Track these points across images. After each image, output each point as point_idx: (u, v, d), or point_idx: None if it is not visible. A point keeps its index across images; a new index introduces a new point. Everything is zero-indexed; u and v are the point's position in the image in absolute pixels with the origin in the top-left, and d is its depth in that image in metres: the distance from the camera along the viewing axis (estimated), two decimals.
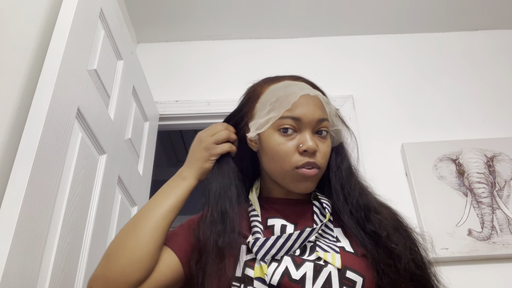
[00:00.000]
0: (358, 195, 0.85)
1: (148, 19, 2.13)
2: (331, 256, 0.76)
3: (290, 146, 0.82)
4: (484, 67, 2.15)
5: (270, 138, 0.84)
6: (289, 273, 0.73)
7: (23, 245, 0.83)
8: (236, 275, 0.76)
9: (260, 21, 2.17)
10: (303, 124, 0.83)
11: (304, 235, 0.77)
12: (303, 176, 0.81)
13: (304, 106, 0.84)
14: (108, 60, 1.33)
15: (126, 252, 0.76)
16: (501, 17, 2.20)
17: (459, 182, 1.79)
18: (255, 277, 0.74)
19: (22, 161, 0.87)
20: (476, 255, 1.62)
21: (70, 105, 1.05)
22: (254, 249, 0.76)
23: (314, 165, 0.82)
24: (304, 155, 0.81)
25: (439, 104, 2.04)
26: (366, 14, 2.16)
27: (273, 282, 0.72)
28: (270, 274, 0.73)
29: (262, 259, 0.75)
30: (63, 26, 1.06)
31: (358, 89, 2.08)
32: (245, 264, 0.77)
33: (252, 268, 0.75)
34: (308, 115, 0.83)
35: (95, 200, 1.18)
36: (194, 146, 0.90)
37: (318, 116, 0.84)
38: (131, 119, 1.54)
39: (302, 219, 0.85)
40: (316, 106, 0.85)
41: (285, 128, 0.83)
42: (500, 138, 1.89)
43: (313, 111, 0.84)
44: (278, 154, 0.82)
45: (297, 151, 0.82)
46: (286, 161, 0.82)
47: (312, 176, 0.82)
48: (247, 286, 0.73)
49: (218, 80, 2.12)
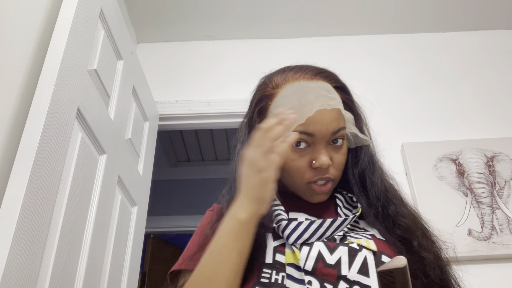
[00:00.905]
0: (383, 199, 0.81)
1: (148, 19, 2.13)
2: (365, 241, 0.73)
3: (302, 162, 0.78)
4: (484, 67, 2.14)
5: None
6: (323, 258, 0.70)
7: (23, 245, 0.83)
8: (266, 262, 0.72)
9: (260, 21, 2.17)
10: (317, 139, 0.78)
11: (337, 223, 0.75)
12: (316, 192, 0.80)
13: (319, 121, 0.77)
14: (108, 60, 1.33)
15: None
16: (501, 17, 2.20)
17: (459, 182, 1.79)
18: (287, 263, 0.70)
19: (22, 161, 0.87)
20: (476, 255, 1.62)
21: (70, 105, 1.05)
22: (286, 232, 0.72)
23: (328, 179, 0.80)
24: (317, 170, 0.79)
25: (439, 104, 2.03)
26: (366, 14, 2.16)
27: (307, 267, 0.69)
28: (304, 259, 0.70)
29: (294, 243, 0.72)
30: (63, 26, 1.06)
31: (358, 89, 2.07)
32: (275, 250, 0.73)
33: (283, 254, 0.72)
34: (322, 130, 0.77)
35: (95, 200, 1.18)
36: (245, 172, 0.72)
37: (333, 128, 0.78)
38: (131, 119, 1.54)
39: (325, 213, 0.83)
40: (332, 118, 0.78)
41: (298, 142, 0.78)
42: (500, 138, 1.89)
43: (328, 125, 0.77)
44: (291, 169, 0.79)
45: (309, 166, 0.78)
46: (298, 177, 0.79)
47: (325, 192, 0.81)
48: (279, 273, 0.70)
49: (218, 80, 2.12)
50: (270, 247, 0.73)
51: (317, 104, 0.77)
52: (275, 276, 0.70)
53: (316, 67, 0.91)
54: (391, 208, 0.81)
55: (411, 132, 1.95)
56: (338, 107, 0.80)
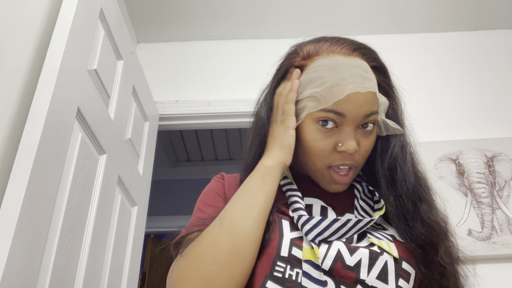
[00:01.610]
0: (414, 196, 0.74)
1: (148, 19, 2.13)
2: (386, 244, 0.68)
3: (327, 144, 0.71)
4: (484, 67, 2.15)
5: (306, 129, 0.73)
6: (343, 258, 0.65)
7: (23, 245, 0.83)
8: (281, 255, 0.66)
9: (260, 21, 2.17)
10: (346, 121, 0.71)
11: (361, 224, 0.68)
12: (336, 181, 0.73)
13: (352, 102, 0.70)
14: (108, 60, 1.33)
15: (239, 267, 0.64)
16: (501, 17, 2.20)
17: (459, 182, 1.79)
18: (305, 259, 0.65)
19: (22, 161, 0.87)
20: (476, 255, 1.62)
21: (70, 105, 1.05)
22: (306, 228, 0.67)
23: (351, 166, 0.73)
24: (342, 155, 0.71)
25: (439, 104, 2.03)
26: (366, 14, 2.16)
27: (324, 266, 0.64)
28: (322, 257, 0.65)
29: (313, 240, 0.66)
30: (63, 26, 1.06)
31: None
32: (292, 242, 0.67)
33: (300, 249, 0.66)
34: (354, 111, 0.70)
35: (95, 200, 1.18)
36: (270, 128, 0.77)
37: (365, 111, 0.71)
38: (131, 119, 1.54)
39: (339, 202, 0.76)
40: (366, 100, 0.71)
41: (325, 120, 0.71)
42: (500, 138, 1.89)
43: (361, 107, 0.70)
44: (313, 150, 0.72)
45: (334, 149, 0.71)
46: (319, 159, 0.72)
47: (345, 183, 0.74)
48: (294, 268, 0.65)
49: (218, 80, 2.12)
50: (287, 239, 0.67)
51: (350, 86, 0.69)
52: (289, 271, 0.65)
53: (355, 42, 0.83)
54: (423, 207, 0.73)
55: (411, 132, 1.94)
56: (373, 90, 0.72)
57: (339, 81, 0.70)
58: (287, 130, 0.73)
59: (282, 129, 0.74)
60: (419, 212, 0.72)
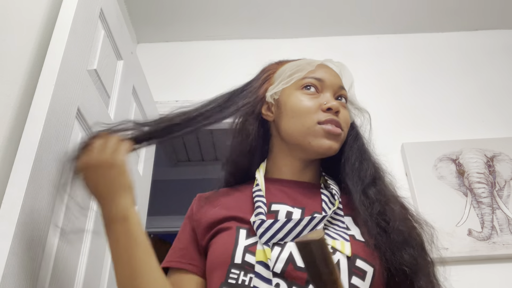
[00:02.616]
0: (371, 179, 0.81)
1: (148, 19, 2.13)
2: (340, 243, 0.71)
3: (313, 103, 0.80)
4: (484, 67, 2.15)
5: (291, 96, 0.82)
6: (294, 260, 0.68)
7: (23, 245, 0.83)
8: (235, 262, 0.70)
9: (260, 21, 2.17)
10: (326, 85, 0.82)
11: (315, 221, 0.72)
12: (328, 132, 0.78)
13: (327, 71, 0.85)
14: (108, 60, 1.33)
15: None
16: (501, 17, 2.20)
17: (459, 182, 1.79)
18: (257, 260, 0.69)
19: (22, 161, 0.87)
20: (476, 255, 1.62)
21: (70, 105, 1.05)
22: (259, 231, 0.71)
23: (338, 124, 0.79)
24: (328, 112, 0.79)
25: (439, 104, 2.03)
26: (366, 14, 2.16)
27: (276, 269, 0.67)
28: (274, 259, 0.68)
29: (266, 243, 0.70)
30: (63, 26, 1.06)
31: (358, 89, 2.07)
32: (245, 249, 0.71)
33: (253, 254, 0.70)
34: (331, 78, 0.83)
35: None
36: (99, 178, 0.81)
37: (339, 82, 0.84)
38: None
39: (311, 203, 0.80)
40: (338, 74, 0.86)
41: (308, 86, 0.82)
42: (500, 138, 1.89)
43: (335, 77, 0.84)
44: (300, 110, 0.80)
45: (320, 109, 0.79)
46: (308, 117, 0.79)
47: (337, 134, 0.79)
48: (247, 274, 0.68)
49: (218, 80, 2.11)
50: (241, 246, 0.72)
51: (322, 59, 0.85)
52: (243, 277, 0.69)
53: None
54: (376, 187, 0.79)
55: (411, 132, 1.95)
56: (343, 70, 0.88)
57: (312, 60, 0.86)
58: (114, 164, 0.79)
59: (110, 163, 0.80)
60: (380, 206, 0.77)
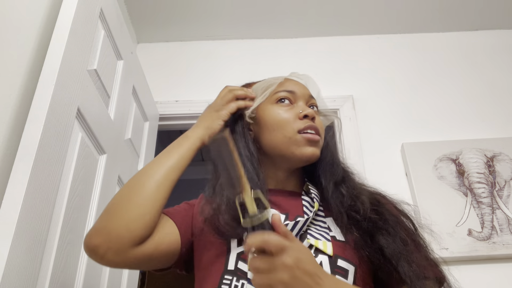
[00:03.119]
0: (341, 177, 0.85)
1: (148, 19, 2.13)
2: (323, 243, 0.74)
3: (290, 114, 0.85)
4: (484, 67, 2.14)
5: (268, 110, 0.87)
6: None
7: (23, 245, 0.83)
8: (229, 268, 0.74)
9: (260, 21, 2.17)
10: (297, 96, 0.88)
11: (299, 225, 0.75)
12: (308, 140, 0.82)
13: (296, 83, 0.91)
14: (108, 60, 1.33)
15: (130, 207, 0.75)
16: (501, 17, 2.20)
17: (459, 182, 1.79)
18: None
19: (22, 161, 0.87)
20: (476, 255, 1.62)
21: (70, 105, 1.05)
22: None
23: (317, 131, 0.83)
24: (305, 121, 0.83)
25: (439, 104, 2.03)
26: (366, 14, 2.16)
27: None
28: None
29: None
30: (63, 26, 1.06)
31: (358, 89, 2.08)
32: (238, 256, 0.75)
33: (245, 261, 0.73)
34: (301, 89, 0.90)
35: (95, 200, 1.18)
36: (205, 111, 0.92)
37: (309, 92, 0.91)
38: (131, 119, 1.54)
39: (294, 209, 0.83)
40: (306, 88, 0.92)
41: (282, 99, 0.87)
42: (500, 138, 1.89)
43: (304, 88, 0.91)
44: (279, 122, 0.84)
45: (297, 118, 0.84)
46: (288, 127, 0.83)
47: (316, 141, 0.83)
48: (240, 279, 0.71)
49: (218, 80, 2.12)
50: (233, 254, 0.75)
51: (288, 74, 0.93)
52: (235, 282, 0.71)
53: None
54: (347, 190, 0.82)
55: (411, 132, 1.95)
56: (308, 81, 0.94)
57: (278, 77, 0.93)
58: (219, 118, 0.88)
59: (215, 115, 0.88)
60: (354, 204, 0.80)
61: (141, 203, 0.75)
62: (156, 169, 0.80)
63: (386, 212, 0.78)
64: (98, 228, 0.75)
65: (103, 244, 0.72)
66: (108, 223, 0.74)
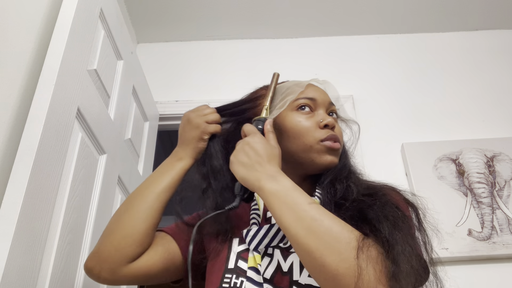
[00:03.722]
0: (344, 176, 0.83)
1: (148, 19, 2.13)
2: None
3: (310, 123, 0.84)
4: (484, 67, 2.15)
5: (288, 118, 0.85)
6: (281, 268, 0.73)
7: (23, 245, 0.83)
8: (229, 267, 0.75)
9: (260, 21, 2.17)
10: (318, 104, 0.87)
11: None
12: (329, 148, 0.81)
13: (317, 90, 0.90)
14: (108, 60, 1.33)
15: (120, 228, 0.80)
16: (501, 17, 2.20)
17: (459, 182, 1.79)
18: (249, 266, 0.73)
19: (22, 161, 0.87)
20: (476, 255, 1.62)
21: (70, 105, 1.05)
22: (247, 240, 0.76)
23: (337, 139, 0.83)
24: (326, 130, 0.83)
25: (439, 104, 2.04)
26: (366, 14, 2.16)
27: (266, 275, 0.72)
28: (264, 266, 0.73)
29: (255, 249, 0.75)
30: (63, 26, 1.06)
31: (358, 89, 2.08)
32: (238, 255, 0.76)
33: (245, 260, 0.75)
34: (321, 96, 0.88)
35: (95, 200, 1.18)
36: (184, 126, 0.90)
37: (329, 99, 0.90)
38: (131, 119, 1.54)
39: None
40: (326, 94, 0.91)
41: (303, 106, 0.86)
42: (500, 138, 1.89)
43: (325, 95, 0.90)
44: (300, 130, 0.83)
45: (317, 126, 0.83)
46: (309, 136, 0.82)
47: (337, 149, 0.83)
48: (239, 277, 0.73)
49: (218, 80, 2.12)
50: (234, 253, 0.77)
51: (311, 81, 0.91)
52: (235, 280, 0.73)
53: None
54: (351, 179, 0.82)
55: (411, 132, 1.95)
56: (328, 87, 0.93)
57: (300, 82, 0.91)
58: (203, 136, 0.88)
59: (199, 133, 0.88)
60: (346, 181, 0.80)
61: (130, 224, 0.80)
62: (148, 191, 0.84)
63: (380, 194, 0.74)
64: (93, 251, 0.81)
65: (96, 265, 0.79)
66: (100, 245, 0.81)
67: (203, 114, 0.90)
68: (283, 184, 0.69)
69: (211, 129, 0.88)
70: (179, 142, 0.91)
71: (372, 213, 0.68)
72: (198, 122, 0.88)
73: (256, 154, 0.73)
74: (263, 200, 0.69)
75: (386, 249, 0.61)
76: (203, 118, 0.89)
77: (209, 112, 0.90)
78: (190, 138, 0.88)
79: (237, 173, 0.74)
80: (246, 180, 0.72)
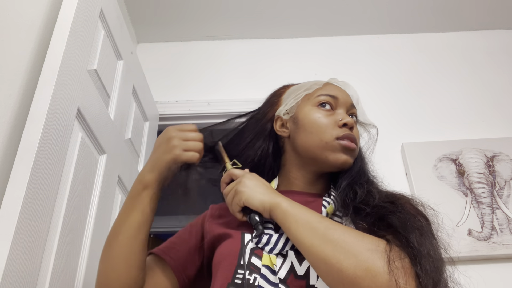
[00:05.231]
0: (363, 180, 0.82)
1: (148, 19, 2.13)
2: None
3: (329, 120, 0.84)
4: (484, 67, 2.14)
5: (309, 112, 0.86)
6: (295, 270, 0.72)
7: (23, 245, 0.83)
8: (241, 263, 0.74)
9: (260, 21, 2.17)
10: (339, 103, 0.87)
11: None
12: (345, 147, 0.81)
13: (340, 89, 0.90)
14: (108, 60, 1.33)
15: (105, 271, 0.81)
16: (500, 17, 2.20)
17: (459, 182, 1.79)
18: (263, 264, 0.72)
19: (22, 161, 0.87)
20: (476, 255, 1.62)
21: (70, 105, 1.05)
22: (260, 246, 0.75)
23: (353, 140, 0.83)
24: (344, 129, 0.83)
25: (439, 104, 2.03)
26: (366, 14, 2.16)
27: (280, 275, 0.71)
28: (278, 266, 0.72)
29: (270, 252, 0.74)
30: (63, 26, 1.06)
31: (358, 89, 2.07)
32: (251, 252, 0.75)
33: (259, 257, 0.74)
34: (343, 95, 0.88)
35: (95, 200, 1.18)
36: (161, 143, 0.83)
37: (351, 100, 0.89)
38: (131, 119, 1.54)
39: (314, 210, 0.82)
40: (348, 95, 0.91)
41: (324, 103, 0.86)
42: (500, 138, 1.89)
43: (347, 96, 0.89)
44: (319, 126, 0.83)
45: (336, 125, 0.83)
46: (327, 132, 0.82)
47: (353, 149, 0.83)
48: (252, 273, 0.72)
49: (218, 80, 2.12)
50: (248, 249, 0.76)
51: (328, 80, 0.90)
52: (248, 276, 0.72)
53: None
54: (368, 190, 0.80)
55: (411, 132, 1.94)
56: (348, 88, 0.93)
57: (319, 80, 0.91)
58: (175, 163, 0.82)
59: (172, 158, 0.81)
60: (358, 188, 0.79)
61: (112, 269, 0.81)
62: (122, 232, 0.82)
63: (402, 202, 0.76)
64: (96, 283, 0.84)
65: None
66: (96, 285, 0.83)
67: (184, 137, 0.81)
68: (296, 203, 0.73)
69: (185, 158, 0.80)
70: (151, 155, 0.85)
71: (396, 219, 0.70)
72: (174, 145, 0.80)
73: (263, 183, 0.78)
74: (277, 216, 0.72)
75: (412, 254, 0.64)
76: (182, 144, 0.80)
77: (192, 137, 0.81)
78: (160, 160, 0.82)
79: (251, 198, 0.75)
80: (262, 201, 0.74)
